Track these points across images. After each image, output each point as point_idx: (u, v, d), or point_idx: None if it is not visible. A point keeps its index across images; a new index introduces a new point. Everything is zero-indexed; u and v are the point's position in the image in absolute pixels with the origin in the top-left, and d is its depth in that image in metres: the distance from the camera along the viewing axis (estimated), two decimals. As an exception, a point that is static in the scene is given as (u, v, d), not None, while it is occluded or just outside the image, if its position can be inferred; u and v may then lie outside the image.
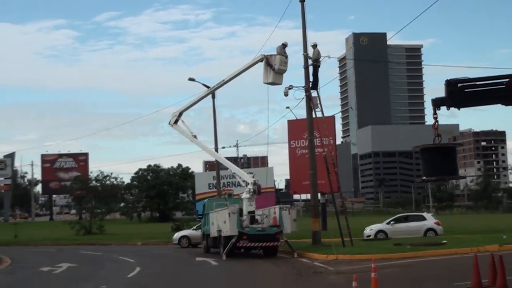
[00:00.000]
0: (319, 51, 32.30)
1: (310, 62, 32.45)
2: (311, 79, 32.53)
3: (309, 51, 32.49)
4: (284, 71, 31.45)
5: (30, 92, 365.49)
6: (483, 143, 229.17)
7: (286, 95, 32.47)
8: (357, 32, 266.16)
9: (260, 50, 55.46)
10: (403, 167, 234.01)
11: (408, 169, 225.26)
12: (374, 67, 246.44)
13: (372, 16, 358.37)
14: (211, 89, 36.67)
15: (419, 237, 36.43)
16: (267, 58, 30.95)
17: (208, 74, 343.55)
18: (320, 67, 32.66)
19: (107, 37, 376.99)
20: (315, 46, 32.30)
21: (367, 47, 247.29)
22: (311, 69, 32.56)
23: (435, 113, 15.21)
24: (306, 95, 32.72)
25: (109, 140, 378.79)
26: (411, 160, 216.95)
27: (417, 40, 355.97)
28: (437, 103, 15.10)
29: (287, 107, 40.27)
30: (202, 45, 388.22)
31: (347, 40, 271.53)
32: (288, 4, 34.36)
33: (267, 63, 30.91)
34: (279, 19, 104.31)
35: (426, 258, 25.20)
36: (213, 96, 45.25)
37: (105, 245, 47.74)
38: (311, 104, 32.76)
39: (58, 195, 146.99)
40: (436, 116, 15.22)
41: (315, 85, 32.61)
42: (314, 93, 32.86)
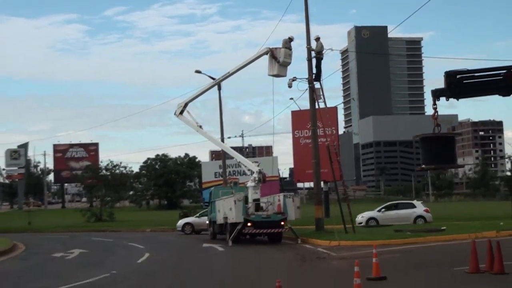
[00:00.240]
0: (322, 44, 32.21)
1: (313, 54, 32.39)
2: (314, 71, 32.47)
3: (312, 44, 32.44)
4: (289, 63, 31.40)
5: (43, 84, 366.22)
6: (481, 133, 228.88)
7: (290, 86, 32.44)
8: (358, 25, 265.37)
9: (264, 43, 55.29)
10: (403, 156, 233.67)
11: (408, 158, 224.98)
12: (375, 60, 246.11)
13: (373, 10, 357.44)
14: (217, 80, 36.63)
15: (409, 224, 36.36)
16: (272, 51, 30.91)
17: (214, 66, 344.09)
18: (323, 60, 32.60)
19: (115, 31, 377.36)
20: (318, 39, 32.21)
21: (368, 40, 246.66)
22: (314, 61, 32.49)
23: (434, 104, 15.20)
24: (309, 87, 32.67)
25: (118, 130, 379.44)
26: (411, 149, 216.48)
27: (417, 33, 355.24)
28: (437, 94, 15.08)
29: (291, 98, 40.10)
30: (208, 38, 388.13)
31: (349, 33, 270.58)
32: (292, -2, 34.28)
33: (272, 56, 30.88)
34: (283, 13, 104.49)
35: (426, 244, 25.20)
36: (219, 88, 45.20)
37: (115, 231, 47.82)
38: (314, 95, 32.74)
39: (69, 183, 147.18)
40: (435, 106, 15.21)
41: (318, 77, 32.53)
42: (317, 85, 32.90)
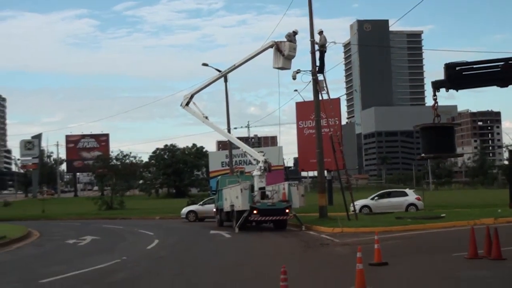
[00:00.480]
0: (325, 37, 32.14)
1: (316, 47, 32.32)
2: (317, 63, 32.42)
3: (316, 37, 32.37)
4: (293, 56, 31.34)
5: (55, 77, 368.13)
6: (480, 123, 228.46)
7: (294, 78, 32.40)
8: (361, 19, 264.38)
9: (269, 37, 55.26)
10: (404, 145, 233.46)
11: (409, 148, 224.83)
12: (377, 52, 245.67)
13: (375, 4, 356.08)
14: (222, 73, 36.57)
15: (401, 212, 36.36)
16: (277, 44, 30.83)
17: (220, 59, 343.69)
18: (326, 52, 32.55)
19: (125, 26, 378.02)
20: (321, 33, 32.15)
21: (370, 33, 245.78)
22: (317, 54, 32.44)
23: (434, 95, 15.19)
24: (313, 79, 32.62)
25: (128, 121, 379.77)
26: (412, 139, 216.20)
27: (417, 27, 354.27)
28: (437, 85, 15.08)
29: (295, 90, 40.10)
30: (215, 32, 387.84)
31: (351, 27, 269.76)
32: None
33: (277, 49, 30.81)
34: (287, 8, 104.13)
35: (426, 230, 25.19)
36: (226, 80, 45.19)
37: (125, 219, 47.98)
38: (318, 87, 32.68)
39: (81, 173, 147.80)
40: (435, 97, 15.21)
41: (321, 69, 32.49)
42: (320, 77, 32.81)
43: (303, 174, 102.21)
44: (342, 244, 21.18)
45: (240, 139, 43.57)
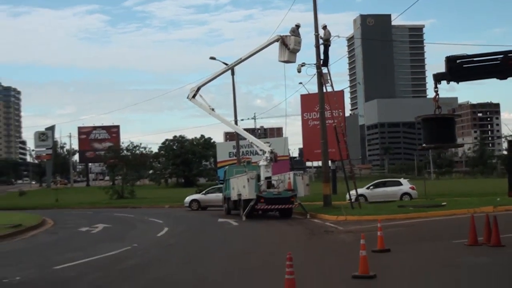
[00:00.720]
0: (329, 32, 32.08)
1: (321, 41, 32.27)
2: (322, 57, 32.38)
3: (320, 31, 32.30)
4: (298, 50, 31.28)
5: (67, 71, 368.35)
6: (480, 114, 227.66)
7: (299, 71, 32.39)
8: (364, 13, 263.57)
9: (275, 31, 55.15)
10: (406, 136, 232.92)
11: (411, 138, 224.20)
12: (379, 46, 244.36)
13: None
14: (229, 66, 36.46)
15: (396, 201, 36.32)
16: (283, 38, 30.78)
17: (227, 53, 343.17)
18: (330, 46, 32.50)
19: (135, 21, 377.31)
20: (325, 27, 32.08)
21: (373, 28, 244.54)
22: (322, 48, 32.38)
23: (436, 87, 15.14)
24: (317, 72, 32.60)
25: (138, 113, 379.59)
26: (413, 130, 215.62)
27: (419, 21, 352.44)
28: (438, 78, 15.02)
29: (300, 83, 40.18)
30: (222, 27, 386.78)
31: (354, 21, 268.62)
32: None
33: (282, 43, 30.76)
34: (292, 3, 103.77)
35: (428, 218, 25.17)
36: (233, 73, 45.17)
37: (136, 208, 48.13)
38: (322, 79, 32.65)
39: (93, 163, 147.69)
40: (437, 89, 15.16)
41: (325, 62, 32.45)
42: (324, 70, 32.85)
43: (308, 164, 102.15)
44: (346, 232, 21.20)
45: (247, 130, 43.66)
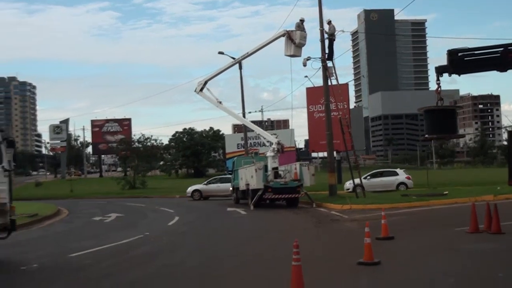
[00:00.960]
0: (334, 26, 32.00)
1: (326, 36, 32.22)
2: (327, 51, 32.32)
3: (325, 26, 32.24)
4: (303, 45, 31.25)
5: (81, 66, 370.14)
6: (480, 106, 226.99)
7: (304, 65, 32.35)
8: (367, 9, 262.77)
9: (281, 26, 55.00)
10: (409, 127, 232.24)
11: (413, 130, 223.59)
12: (383, 40, 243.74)
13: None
14: (236, 60, 36.35)
15: (393, 190, 36.27)
16: (289, 33, 30.73)
17: (235, 48, 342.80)
18: (335, 41, 32.42)
19: (145, 17, 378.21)
20: (330, 22, 32.00)
21: (376, 22, 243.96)
22: (327, 42, 32.33)
23: (438, 79, 15.11)
24: (322, 65, 32.55)
25: (149, 107, 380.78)
26: (416, 121, 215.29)
27: (421, 15, 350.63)
28: (440, 70, 14.99)
29: (305, 76, 40.25)
30: (230, 23, 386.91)
31: (358, 16, 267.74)
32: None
33: (288, 38, 30.72)
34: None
35: (430, 207, 25.17)
36: (240, 67, 45.11)
37: (147, 197, 48.18)
38: (327, 73, 32.61)
39: (106, 155, 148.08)
40: (439, 82, 15.13)
41: (330, 56, 32.40)
42: (329, 64, 32.76)
43: (314, 155, 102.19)
44: (351, 220, 21.23)
45: (254, 122, 43.62)
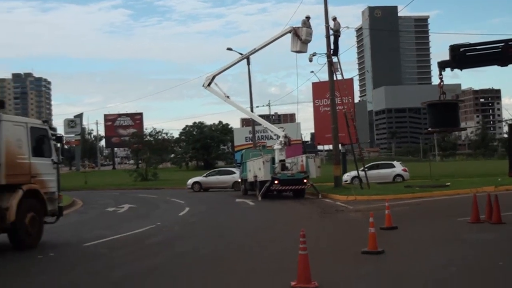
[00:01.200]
0: (339, 23, 31.97)
1: (331, 32, 32.18)
2: (332, 47, 32.28)
3: (330, 23, 32.20)
4: (309, 41, 31.18)
5: (94, 62, 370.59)
6: (482, 100, 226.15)
7: (310, 61, 32.31)
8: (371, 5, 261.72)
9: (287, 23, 54.93)
10: (412, 121, 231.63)
11: (416, 123, 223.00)
12: (387, 36, 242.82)
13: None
14: (243, 56, 36.31)
15: (389, 182, 36.18)
16: (296, 30, 30.68)
17: (243, 44, 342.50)
18: (340, 37, 32.38)
19: (156, 15, 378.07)
20: (335, 19, 31.97)
21: (380, 19, 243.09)
22: (332, 38, 32.29)
23: (440, 74, 15.11)
24: (328, 61, 32.51)
25: (160, 101, 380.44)
26: (419, 115, 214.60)
27: (424, 12, 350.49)
28: (442, 65, 14.99)
29: (311, 72, 39.84)
30: (238, 20, 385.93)
31: (363, 13, 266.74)
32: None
33: (295, 34, 30.66)
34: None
35: (433, 198, 25.17)
36: (248, 63, 44.99)
37: (158, 189, 48.29)
38: (333, 68, 32.56)
39: (118, 148, 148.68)
40: (441, 76, 15.13)
41: (335, 52, 32.36)
42: (335, 59, 32.70)
43: (319, 147, 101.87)
44: (356, 211, 21.25)
45: (262, 116, 43.55)
